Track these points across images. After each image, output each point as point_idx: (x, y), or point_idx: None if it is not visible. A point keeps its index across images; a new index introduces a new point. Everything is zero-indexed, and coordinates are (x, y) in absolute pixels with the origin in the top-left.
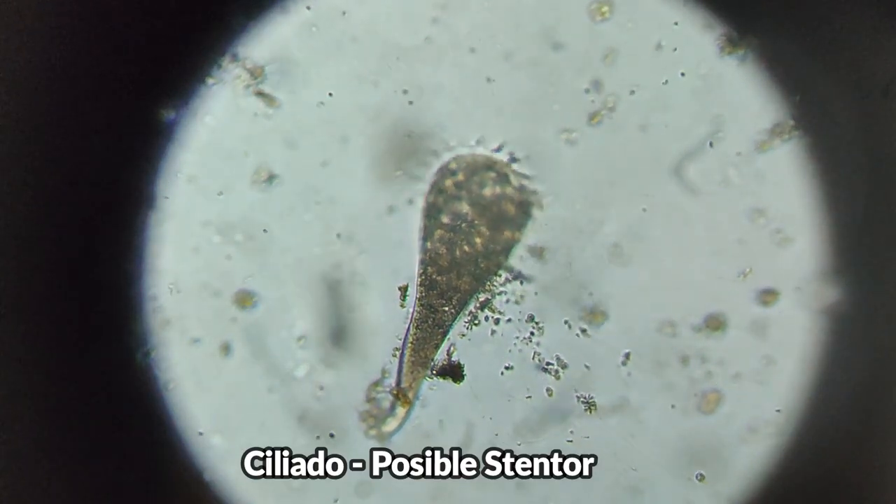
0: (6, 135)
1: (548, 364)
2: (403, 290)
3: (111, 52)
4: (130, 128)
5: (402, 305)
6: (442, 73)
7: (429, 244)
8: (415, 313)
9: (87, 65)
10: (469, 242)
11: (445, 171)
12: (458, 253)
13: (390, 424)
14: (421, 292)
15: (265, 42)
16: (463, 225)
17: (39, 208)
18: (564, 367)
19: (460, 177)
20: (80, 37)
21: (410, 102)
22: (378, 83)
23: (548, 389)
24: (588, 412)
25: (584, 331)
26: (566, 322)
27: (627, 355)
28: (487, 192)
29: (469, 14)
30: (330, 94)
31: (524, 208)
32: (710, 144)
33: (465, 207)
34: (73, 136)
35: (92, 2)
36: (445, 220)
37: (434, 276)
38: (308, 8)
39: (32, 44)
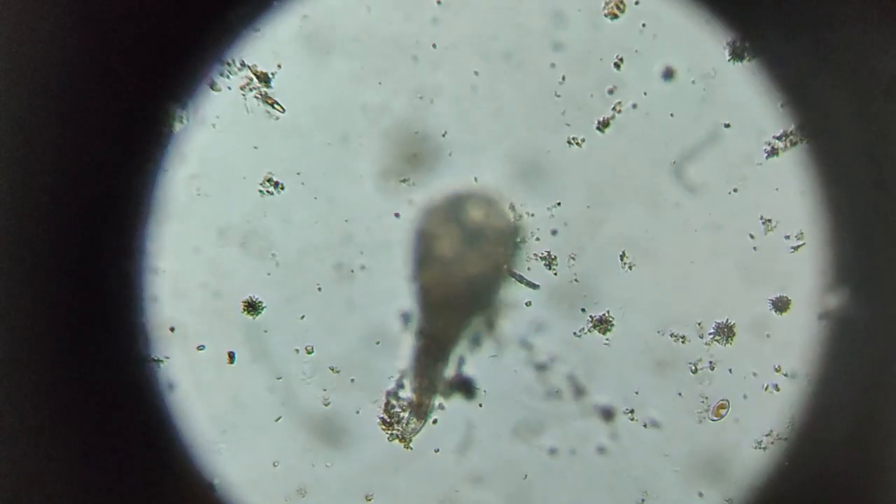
0: (6, 135)
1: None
2: (404, 317)
3: (113, 53)
4: (132, 129)
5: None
6: (442, 74)
7: (419, 283)
8: (417, 338)
9: (88, 65)
10: (461, 275)
11: (427, 212)
12: (451, 285)
13: (412, 425)
14: (420, 320)
15: (269, 45)
16: (451, 261)
17: (40, 208)
18: (583, 392)
19: (443, 214)
20: (81, 37)
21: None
22: (380, 84)
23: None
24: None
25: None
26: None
27: None
28: (473, 221)
29: (470, 13)
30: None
31: (512, 237)
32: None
33: (451, 244)
34: (73, 136)
35: (94, 2)
36: (433, 258)
37: (430, 304)
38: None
39: (33, 44)
